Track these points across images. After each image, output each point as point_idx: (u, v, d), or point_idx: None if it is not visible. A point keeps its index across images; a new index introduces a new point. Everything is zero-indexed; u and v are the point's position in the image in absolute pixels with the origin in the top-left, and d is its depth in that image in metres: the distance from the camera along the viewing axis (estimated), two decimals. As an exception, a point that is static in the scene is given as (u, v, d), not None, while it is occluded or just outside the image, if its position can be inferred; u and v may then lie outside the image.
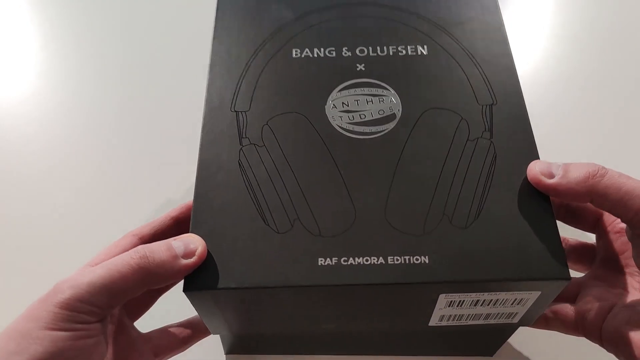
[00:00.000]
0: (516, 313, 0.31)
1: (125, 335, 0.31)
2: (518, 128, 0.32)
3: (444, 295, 0.29)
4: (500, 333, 0.37)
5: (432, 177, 0.31)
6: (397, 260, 0.28)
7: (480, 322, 0.32)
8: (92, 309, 0.26)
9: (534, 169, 0.30)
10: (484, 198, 0.30)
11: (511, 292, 0.29)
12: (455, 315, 0.31)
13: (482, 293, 0.29)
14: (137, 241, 0.32)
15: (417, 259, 0.28)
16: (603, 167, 0.28)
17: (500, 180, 0.30)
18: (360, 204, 0.30)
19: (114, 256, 0.28)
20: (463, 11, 0.37)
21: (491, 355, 0.41)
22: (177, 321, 0.35)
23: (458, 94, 0.34)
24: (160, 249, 0.27)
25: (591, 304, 0.32)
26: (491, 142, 0.32)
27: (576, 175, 0.28)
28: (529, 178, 0.30)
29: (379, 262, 0.28)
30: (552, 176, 0.29)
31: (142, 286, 0.27)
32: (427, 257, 0.28)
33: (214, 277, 0.28)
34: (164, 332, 0.34)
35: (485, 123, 0.32)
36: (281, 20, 0.37)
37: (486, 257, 0.28)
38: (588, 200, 0.29)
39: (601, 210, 0.33)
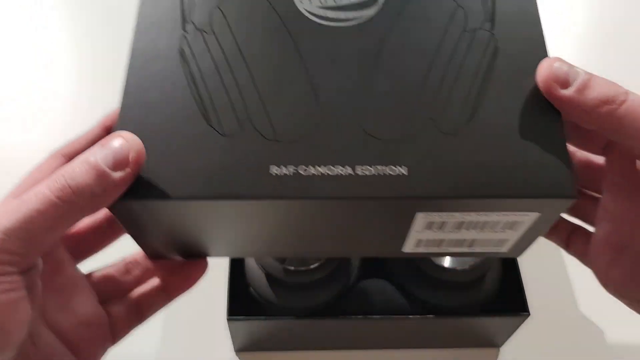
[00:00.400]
0: (507, 240, 0.27)
1: (62, 275, 0.26)
2: (526, 20, 0.26)
3: (422, 214, 0.24)
4: (509, 324, 0.36)
5: (418, 72, 0.25)
6: (369, 170, 0.23)
7: (464, 249, 0.28)
8: (10, 258, 0.21)
9: (548, 70, 0.24)
10: (480, 100, 0.24)
11: (504, 213, 0.24)
12: (435, 240, 0.27)
13: (468, 213, 0.24)
14: (65, 162, 0.26)
15: (392, 170, 0.23)
16: (626, 92, 0.23)
17: (500, 80, 0.25)
18: (327, 103, 0.24)
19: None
20: None
21: (499, 346, 0.40)
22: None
23: None
24: (82, 170, 0.21)
25: (597, 249, 0.27)
26: (492, 34, 0.26)
27: (594, 95, 0.23)
28: (538, 80, 0.24)
29: (345, 173, 0.23)
30: (567, 85, 0.23)
31: (71, 221, 0.22)
32: (405, 167, 0.23)
33: (143, 186, 0.23)
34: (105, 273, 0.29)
35: (486, 11, 0.26)
36: None
37: (476, 169, 0.23)
38: (595, 128, 0.23)
39: None
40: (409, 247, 0.27)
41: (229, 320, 0.34)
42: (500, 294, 0.38)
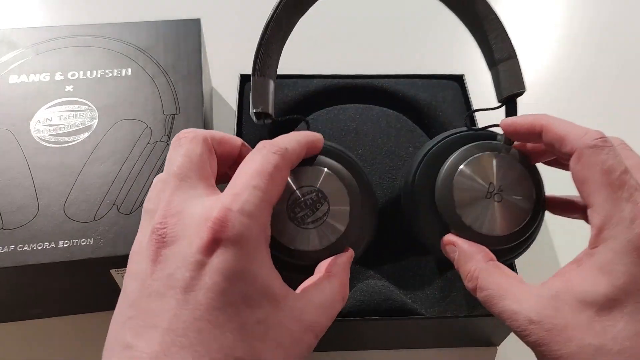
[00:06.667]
0: None
1: None
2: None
3: (114, 270, 0.35)
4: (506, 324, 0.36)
5: (112, 173, 0.37)
6: (66, 243, 0.34)
7: None
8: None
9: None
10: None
11: None
12: None
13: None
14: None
15: (83, 242, 0.34)
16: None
17: None
18: (44, 200, 0.36)
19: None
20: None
21: (497, 345, 0.41)
22: None
23: (148, 107, 0.41)
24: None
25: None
26: (167, 144, 0.39)
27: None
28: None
29: (50, 247, 0.34)
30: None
31: None
32: (92, 239, 0.34)
33: None
34: None
35: (166, 129, 0.40)
36: None
37: None
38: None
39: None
40: None
41: None
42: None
